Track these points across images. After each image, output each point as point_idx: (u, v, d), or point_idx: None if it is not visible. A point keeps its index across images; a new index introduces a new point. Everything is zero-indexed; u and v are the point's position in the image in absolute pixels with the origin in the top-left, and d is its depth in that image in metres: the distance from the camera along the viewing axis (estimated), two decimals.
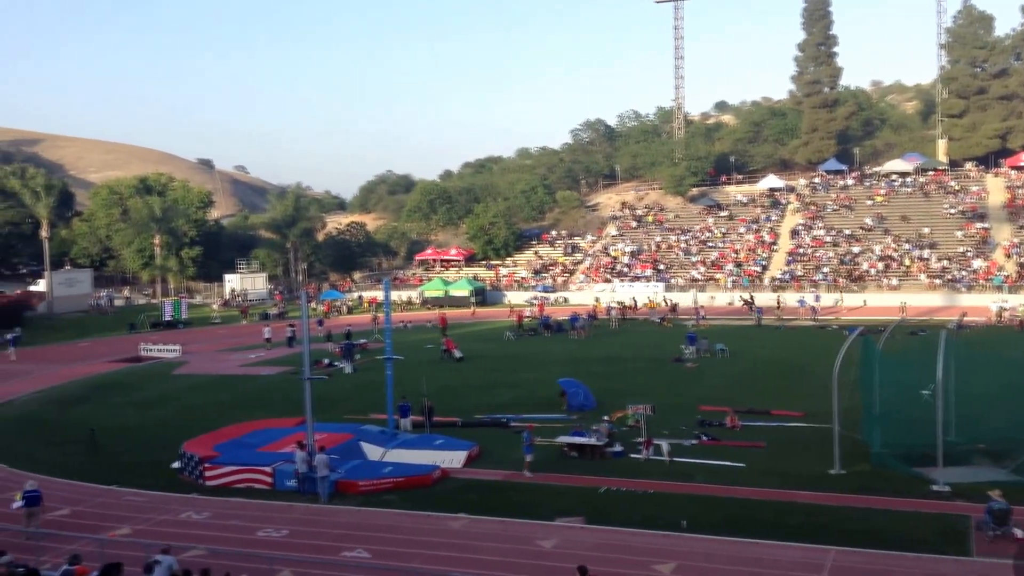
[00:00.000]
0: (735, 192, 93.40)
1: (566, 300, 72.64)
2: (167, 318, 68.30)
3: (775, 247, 79.74)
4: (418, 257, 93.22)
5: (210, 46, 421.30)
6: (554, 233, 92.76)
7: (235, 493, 24.52)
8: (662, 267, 78.91)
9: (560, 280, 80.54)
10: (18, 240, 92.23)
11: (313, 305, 71.28)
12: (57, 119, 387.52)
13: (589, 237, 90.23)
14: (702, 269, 77.19)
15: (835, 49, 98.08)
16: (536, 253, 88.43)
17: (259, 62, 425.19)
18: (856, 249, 75.42)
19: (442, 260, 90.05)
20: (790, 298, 65.45)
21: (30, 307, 70.05)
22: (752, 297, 65.62)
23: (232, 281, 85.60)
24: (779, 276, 73.35)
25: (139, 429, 32.78)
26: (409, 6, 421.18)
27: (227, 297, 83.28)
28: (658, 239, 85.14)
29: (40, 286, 76.45)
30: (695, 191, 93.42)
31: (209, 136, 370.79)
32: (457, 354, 45.67)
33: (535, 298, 73.08)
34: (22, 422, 35.21)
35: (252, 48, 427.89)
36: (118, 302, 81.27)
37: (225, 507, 23.27)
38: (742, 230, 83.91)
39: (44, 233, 77.25)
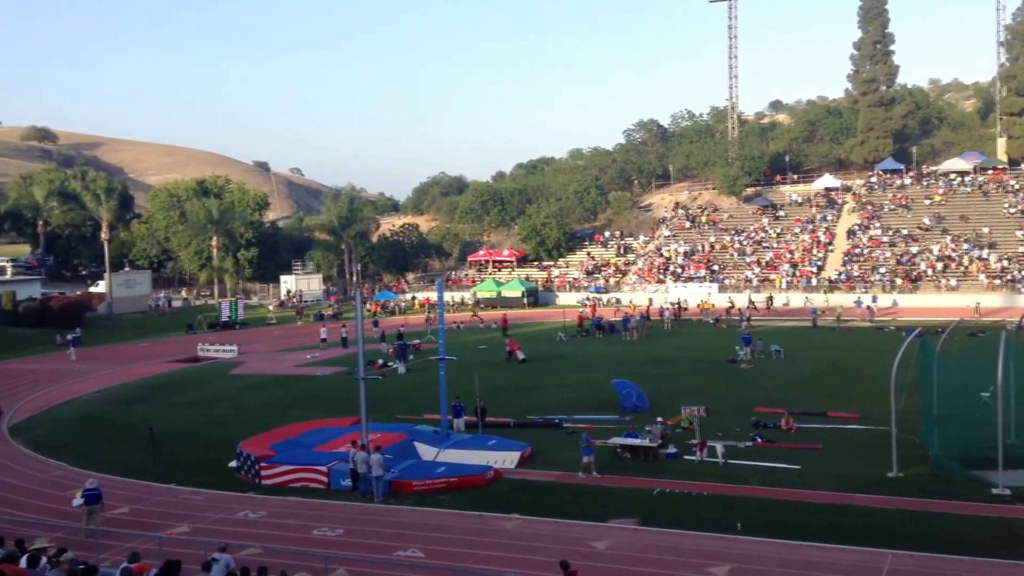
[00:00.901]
0: (790, 192, 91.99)
1: (618, 301, 72.22)
2: (224, 319, 69.36)
3: (831, 247, 78.38)
4: (471, 258, 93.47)
5: (266, 51, 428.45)
6: (607, 234, 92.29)
7: (291, 492, 24.79)
8: (716, 268, 78.03)
9: (612, 281, 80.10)
10: (79, 242, 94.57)
11: (367, 306, 71.91)
12: (117, 123, 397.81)
13: (642, 238, 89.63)
14: (756, 270, 76.17)
15: (892, 47, 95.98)
16: (588, 254, 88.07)
17: (314, 66, 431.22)
18: (914, 249, 73.79)
19: (494, 261, 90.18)
20: (846, 299, 64.13)
21: (90, 308, 71.61)
22: (733, 302, 65.05)
23: (288, 282, 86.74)
24: (835, 276, 72.03)
25: (197, 428, 33.36)
26: (462, 8, 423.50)
27: (283, 298, 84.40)
28: (712, 239, 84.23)
29: (100, 287, 78.08)
30: (749, 191, 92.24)
31: (265, 139, 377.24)
32: (521, 356, 45.34)
33: (587, 299, 72.77)
34: (83, 421, 36.05)
35: (307, 53, 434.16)
36: (176, 303, 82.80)
37: (281, 506, 23.54)
38: (797, 230, 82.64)
39: (104, 235, 79.06)
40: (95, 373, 47.68)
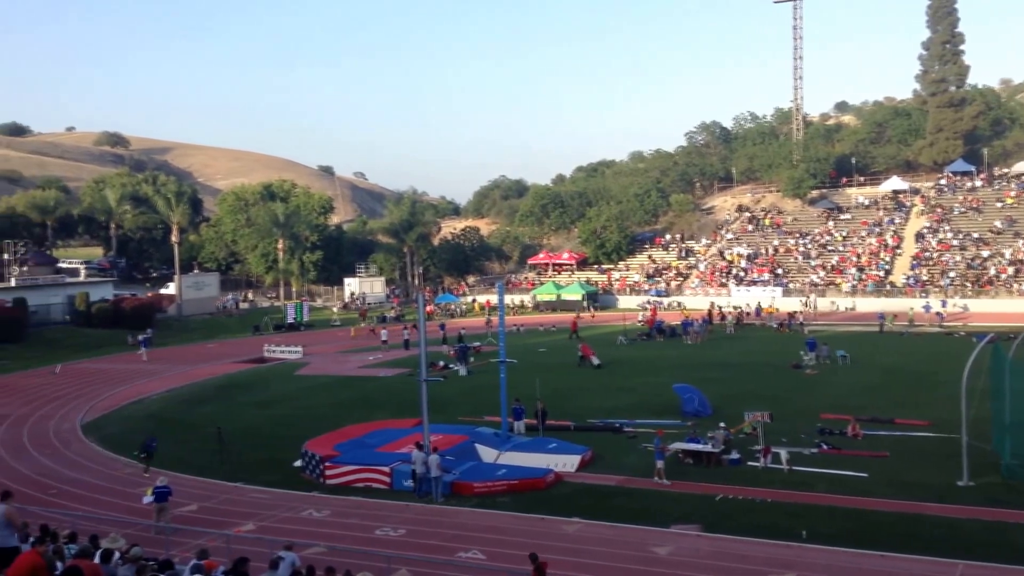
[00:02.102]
0: (856, 194, 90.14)
1: (680, 304, 71.53)
2: (290, 320, 70.48)
3: (899, 251, 76.58)
4: (531, 261, 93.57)
5: (331, 57, 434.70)
6: (668, 237, 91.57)
7: (354, 492, 25.10)
8: (780, 271, 76.83)
9: (674, 284, 79.41)
10: (150, 245, 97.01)
11: (432, 308, 72.42)
12: (186, 128, 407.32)
13: (704, 241, 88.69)
14: (822, 273, 74.78)
15: (962, 47, 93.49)
16: (649, 257, 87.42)
17: (377, 72, 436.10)
18: (985, 253, 71.70)
19: (554, 264, 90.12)
20: (915, 303, 62.57)
21: (161, 309, 73.35)
22: (717, 306, 63.89)
23: (351, 285, 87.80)
24: (904, 280, 70.35)
25: (263, 428, 33.99)
26: (522, 12, 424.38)
27: (346, 300, 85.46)
28: (775, 243, 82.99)
29: (170, 289, 79.76)
30: (814, 193, 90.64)
31: (330, 144, 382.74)
32: (596, 361, 44.81)
33: (648, 302, 72.25)
34: (153, 420, 36.93)
35: (371, 59, 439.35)
36: (243, 305, 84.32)
37: (344, 506, 23.85)
38: (864, 233, 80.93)
39: (175, 238, 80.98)
40: (165, 373, 48.86)
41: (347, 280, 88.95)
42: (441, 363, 46.50)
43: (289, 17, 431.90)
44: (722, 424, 28.67)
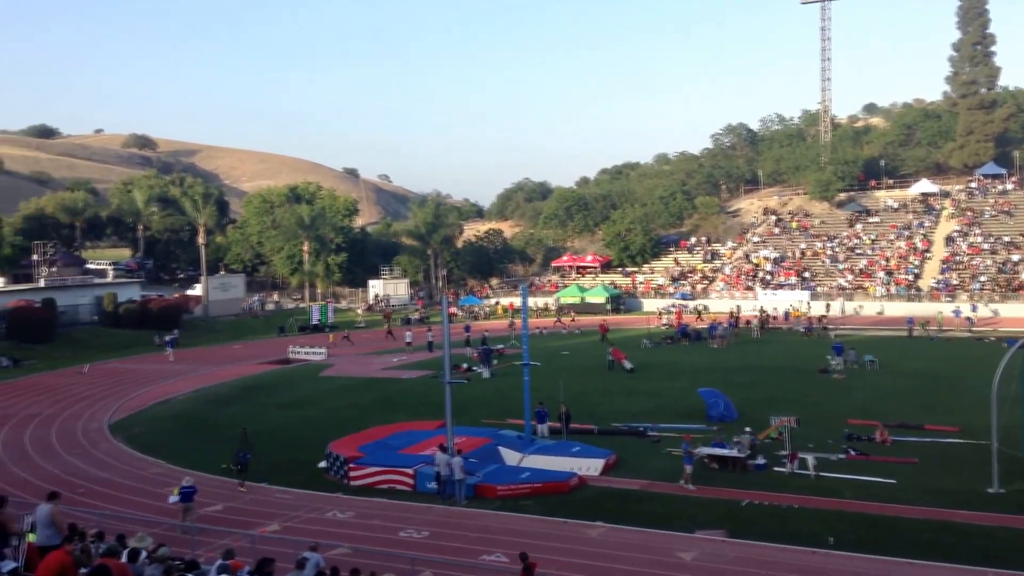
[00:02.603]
0: (885, 197, 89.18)
1: (705, 308, 71.14)
2: (314, 322, 70.79)
3: (928, 255, 75.69)
4: (554, 264, 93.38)
5: (356, 61, 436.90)
6: (693, 240, 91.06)
7: (378, 493, 25.15)
8: (807, 275, 76.18)
9: (699, 288, 78.96)
10: (177, 246, 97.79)
11: (454, 310, 72.46)
12: (213, 131, 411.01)
13: (730, 244, 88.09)
14: (850, 277, 74.07)
15: (993, 48, 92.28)
16: (675, 260, 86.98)
17: (403, 75, 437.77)
18: (1016, 257, 70.68)
19: (578, 267, 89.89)
20: (944, 308, 61.83)
21: (187, 310, 73.83)
22: (703, 309, 63.05)
23: (375, 287, 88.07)
24: (933, 285, 69.52)
25: (288, 429, 34.15)
26: (546, 13, 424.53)
27: (371, 302, 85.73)
28: (803, 246, 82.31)
29: (197, 290, 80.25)
30: (842, 196, 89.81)
31: (355, 146, 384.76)
32: (628, 365, 44.38)
33: (672, 306, 71.85)
34: (179, 420, 37.25)
35: (396, 62, 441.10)
36: (268, 306, 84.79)
37: (368, 507, 23.89)
38: (892, 237, 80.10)
39: (201, 239, 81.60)
40: (191, 373, 49.21)
41: (371, 282, 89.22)
42: (464, 365, 46.48)
43: (315, 21, 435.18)
44: (748, 429, 28.45)
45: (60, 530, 14.50)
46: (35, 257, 71.94)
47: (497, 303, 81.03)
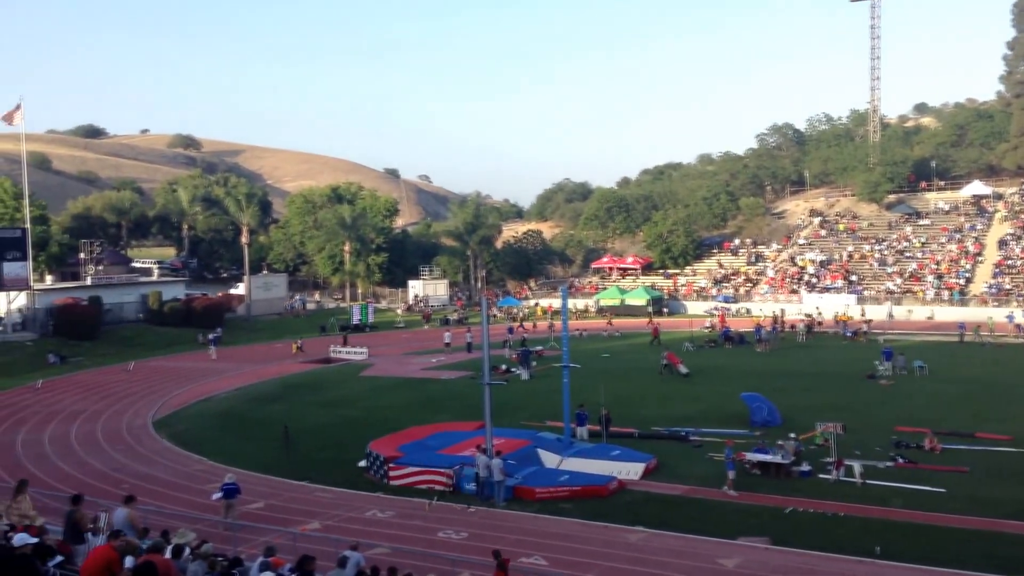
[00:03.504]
0: (935, 199, 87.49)
1: (748, 311, 70.25)
2: (355, 322, 71.14)
3: (980, 258, 74.03)
4: (594, 265, 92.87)
5: (397, 61, 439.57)
6: (737, 241, 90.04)
7: (417, 493, 25.11)
8: (854, 278, 74.90)
9: (742, 291, 78.02)
10: (220, 245, 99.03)
11: (494, 311, 72.37)
12: (256, 131, 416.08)
13: (775, 246, 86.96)
14: (899, 281, 72.67)
15: None
16: (718, 262, 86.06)
17: (443, 75, 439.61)
18: None
19: (618, 268, 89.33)
20: (996, 313, 60.35)
21: (230, 309, 74.58)
22: (716, 321, 62.19)
23: (415, 287, 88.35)
24: (985, 289, 67.95)
25: (328, 428, 34.30)
26: (587, 12, 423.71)
27: (410, 302, 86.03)
28: (850, 248, 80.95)
29: (240, 289, 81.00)
30: (891, 198, 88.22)
31: (396, 147, 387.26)
32: (684, 370, 43.41)
33: (715, 308, 71.07)
34: (222, 417, 37.62)
35: (437, 62, 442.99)
36: (310, 305, 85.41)
37: (408, 507, 23.86)
38: (943, 240, 78.47)
39: (244, 239, 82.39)
40: (234, 372, 49.66)
41: (411, 282, 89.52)
42: (503, 367, 46.35)
43: (358, 22, 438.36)
44: (792, 434, 27.96)
45: (137, 532, 14.84)
46: (82, 255, 73.17)
47: (536, 304, 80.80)
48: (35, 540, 11.50)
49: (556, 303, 67.72)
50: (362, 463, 28.03)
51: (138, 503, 18.11)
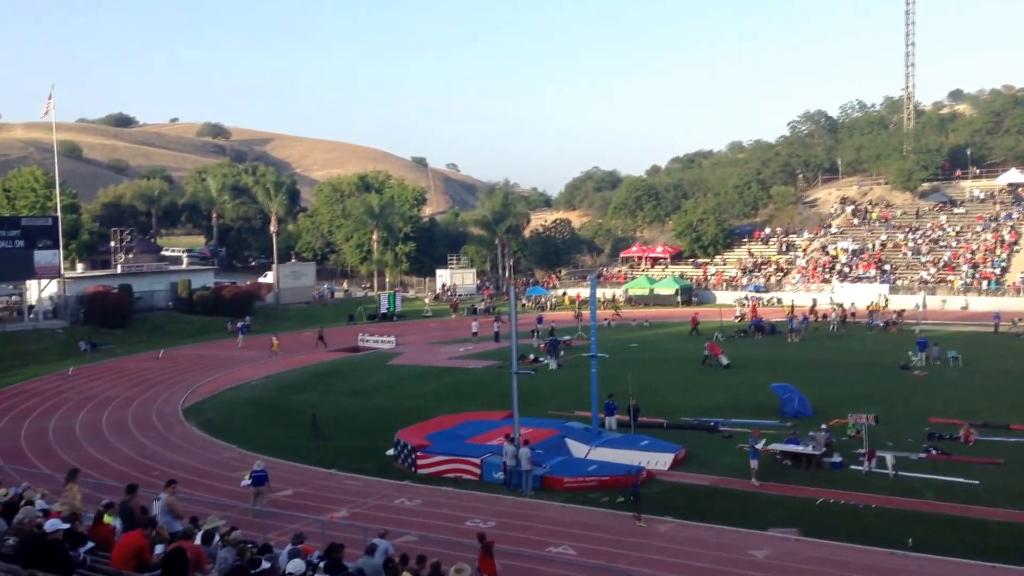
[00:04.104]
0: (971, 187, 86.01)
1: (779, 301, 69.58)
2: (383, 311, 71.35)
3: (1016, 247, 72.76)
4: (623, 254, 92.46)
5: (425, 49, 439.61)
6: (768, 230, 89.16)
7: (445, 482, 25.14)
8: (887, 267, 73.94)
9: (773, 280, 77.31)
10: (249, 234, 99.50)
11: (522, 301, 72.16)
12: (284, 120, 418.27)
13: (806, 235, 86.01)
14: (932, 270, 71.65)
15: None
16: (748, 251, 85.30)
17: (471, 62, 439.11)
18: None
19: (648, 257, 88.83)
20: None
21: (259, 297, 74.81)
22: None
23: (443, 276, 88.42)
24: (1021, 279, 66.76)
25: (356, 416, 34.43)
26: (616, 1, 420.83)
27: (438, 291, 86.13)
28: (883, 237, 79.88)
29: (268, 278, 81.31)
30: (925, 186, 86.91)
31: (423, 135, 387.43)
32: (724, 361, 42.78)
33: (746, 298, 70.48)
34: (251, 405, 37.87)
35: (464, 50, 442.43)
36: (338, 294, 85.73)
37: (436, 495, 23.90)
38: (979, 228, 77.20)
39: (273, 228, 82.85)
40: (262, 360, 49.93)
41: (439, 271, 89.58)
42: (531, 356, 46.26)
43: (384, 11, 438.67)
44: (824, 425, 27.66)
45: (177, 517, 15.03)
46: (112, 244, 73.94)
47: (564, 294, 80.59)
48: (67, 526, 11.57)
49: (584, 292, 67.43)
50: (390, 451, 28.09)
51: (177, 489, 18.30)
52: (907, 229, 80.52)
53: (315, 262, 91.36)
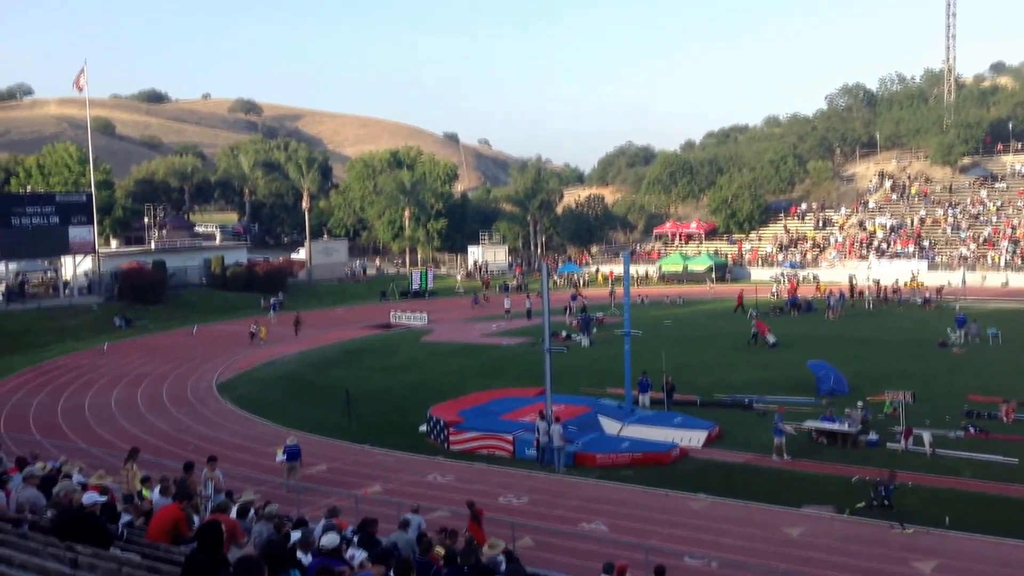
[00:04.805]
0: (1013, 162, 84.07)
1: (816, 278, 68.70)
2: (414, 287, 71.44)
3: None
4: (656, 231, 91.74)
5: (457, 24, 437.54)
6: (804, 206, 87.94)
7: (478, 458, 25.19)
8: (926, 244, 72.68)
9: (809, 256, 76.32)
10: (282, 210, 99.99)
11: (554, 278, 71.90)
12: (316, 95, 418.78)
13: (843, 210, 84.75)
14: (972, 247, 70.33)
15: None
16: (784, 227, 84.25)
17: (502, 38, 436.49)
18: None
19: (682, 234, 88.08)
20: None
21: (292, 274, 75.11)
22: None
23: (475, 253, 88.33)
24: None
25: (389, 392, 34.54)
26: None
27: (469, 268, 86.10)
28: (922, 213, 78.50)
29: (301, 254, 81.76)
30: (966, 160, 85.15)
31: (455, 111, 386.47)
32: (771, 339, 42.11)
33: (782, 275, 69.69)
34: (284, 381, 38.15)
35: (496, 25, 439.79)
36: (370, 271, 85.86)
37: (468, 472, 23.95)
38: (1020, 204, 75.57)
39: (305, 204, 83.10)
40: (295, 337, 50.16)
41: (471, 248, 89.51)
42: (564, 333, 46.09)
43: None
44: (860, 403, 27.29)
45: (218, 489, 15.20)
46: (146, 220, 74.57)
47: (597, 271, 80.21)
48: (103, 499, 11.69)
49: (617, 269, 67.02)
50: (423, 428, 28.18)
51: (218, 465, 18.52)
52: (946, 204, 79.07)
53: (347, 239, 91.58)
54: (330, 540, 10.34)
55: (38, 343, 48.01)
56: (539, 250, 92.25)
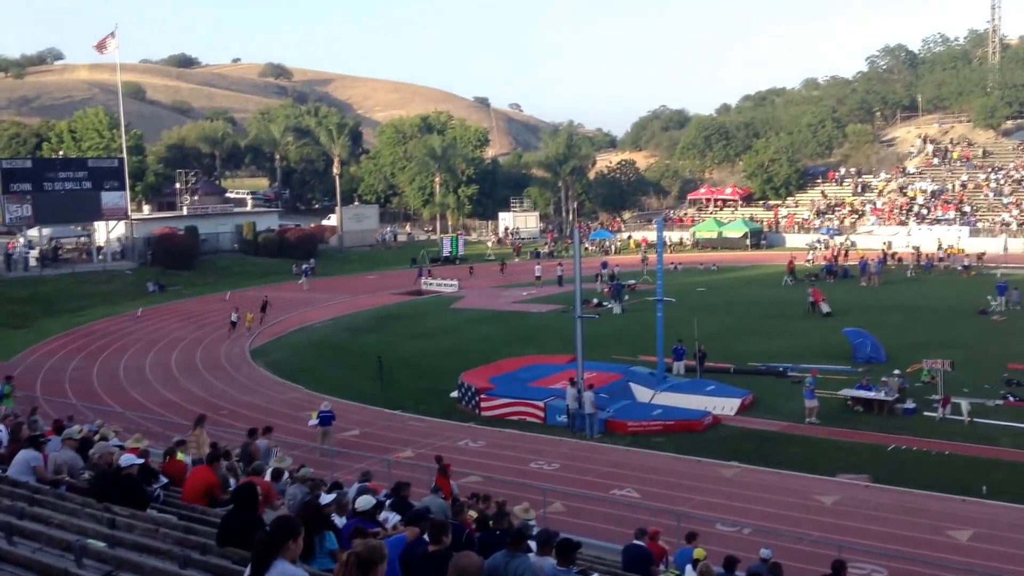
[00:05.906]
0: None
1: (854, 244, 67.64)
2: (445, 254, 71.40)
3: None
4: (691, 196, 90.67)
5: None
6: (842, 171, 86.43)
7: (509, 424, 25.25)
8: (967, 209, 71.22)
9: (847, 223, 75.11)
10: (312, 176, 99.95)
11: (585, 245, 71.50)
12: (347, 60, 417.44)
13: (883, 175, 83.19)
14: (1015, 212, 68.81)
15: None
16: (822, 192, 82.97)
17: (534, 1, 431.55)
18: None
19: (716, 199, 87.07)
20: None
21: (323, 240, 75.06)
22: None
23: (505, 219, 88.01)
24: None
25: (420, 359, 34.61)
26: None
27: (500, 235, 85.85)
28: (964, 178, 76.88)
29: (332, 220, 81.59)
30: (1009, 124, 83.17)
31: (486, 75, 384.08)
32: (825, 308, 41.28)
33: (818, 241, 68.71)
34: (318, 347, 38.42)
35: None
36: (401, 237, 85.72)
37: (499, 437, 24.03)
38: None
39: (336, 170, 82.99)
40: (327, 303, 50.47)
41: (501, 214, 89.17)
42: (595, 300, 45.80)
43: None
44: (897, 371, 26.94)
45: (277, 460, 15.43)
46: (178, 185, 74.91)
47: (629, 237, 79.65)
48: (140, 461, 11.78)
49: (651, 236, 66.50)
50: (454, 394, 28.26)
51: (273, 434, 18.59)
52: (989, 169, 77.35)
53: (378, 205, 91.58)
54: (365, 502, 10.37)
55: (72, 308, 48.53)
56: (571, 216, 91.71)
